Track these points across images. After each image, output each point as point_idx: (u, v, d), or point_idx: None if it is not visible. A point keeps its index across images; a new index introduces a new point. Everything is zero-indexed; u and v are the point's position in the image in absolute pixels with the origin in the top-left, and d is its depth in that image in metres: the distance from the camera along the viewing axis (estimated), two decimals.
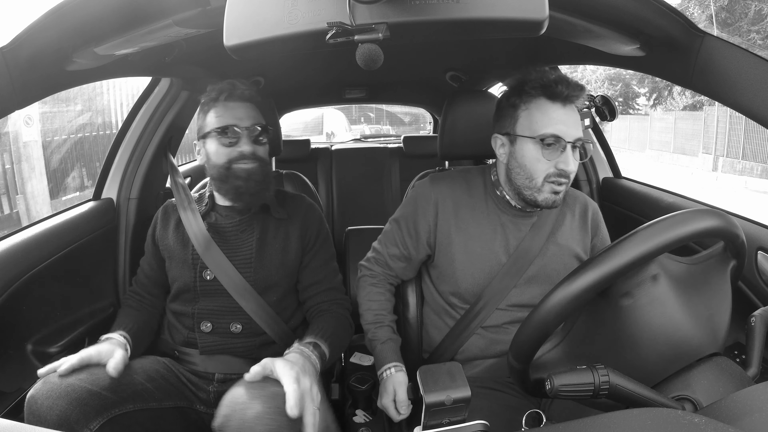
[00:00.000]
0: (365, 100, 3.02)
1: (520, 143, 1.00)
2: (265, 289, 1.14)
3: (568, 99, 0.96)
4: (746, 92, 0.74)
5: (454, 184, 1.12)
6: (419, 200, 1.12)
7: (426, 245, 1.12)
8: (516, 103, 1.01)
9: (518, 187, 1.02)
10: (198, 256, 1.13)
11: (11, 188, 4.88)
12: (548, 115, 0.97)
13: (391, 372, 1.09)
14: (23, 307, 1.10)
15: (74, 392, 0.84)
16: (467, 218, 1.09)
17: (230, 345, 1.12)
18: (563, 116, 0.96)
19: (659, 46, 0.86)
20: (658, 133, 12.81)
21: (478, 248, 1.07)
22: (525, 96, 0.99)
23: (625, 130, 14.54)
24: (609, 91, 15.30)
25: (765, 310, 0.70)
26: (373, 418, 1.28)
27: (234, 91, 1.13)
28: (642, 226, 0.62)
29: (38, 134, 5.00)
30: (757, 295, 1.04)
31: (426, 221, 1.10)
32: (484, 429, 0.57)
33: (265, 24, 0.60)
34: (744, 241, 0.67)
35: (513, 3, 0.58)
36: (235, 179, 1.11)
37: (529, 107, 0.99)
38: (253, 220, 1.18)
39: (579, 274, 0.62)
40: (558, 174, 0.97)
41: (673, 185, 1.71)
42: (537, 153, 0.98)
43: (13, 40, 0.76)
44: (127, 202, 1.51)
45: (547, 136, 0.96)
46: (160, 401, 1.00)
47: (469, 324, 1.09)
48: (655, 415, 0.46)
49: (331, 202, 2.54)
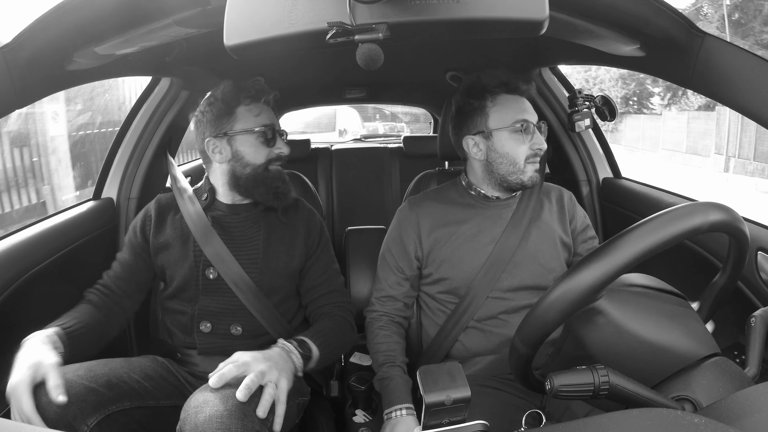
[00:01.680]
0: (365, 100, 3.01)
1: (497, 136, 1.11)
2: (270, 292, 1.12)
3: (524, 92, 1.13)
4: (746, 92, 0.74)
5: (430, 199, 1.23)
6: (402, 222, 1.21)
7: (415, 259, 1.18)
8: (482, 103, 1.13)
9: (502, 176, 1.13)
10: (201, 253, 1.09)
11: (38, 179, 5.06)
12: (513, 105, 1.11)
13: (401, 413, 1.04)
14: (23, 306, 1.10)
15: (72, 388, 0.84)
16: (449, 223, 1.16)
17: (229, 346, 1.08)
18: (524, 105, 1.12)
19: (659, 46, 0.86)
20: (671, 132, 12.74)
21: (464, 245, 1.13)
22: (489, 95, 1.12)
23: (638, 129, 14.45)
24: (622, 90, 15.13)
25: (765, 310, 0.70)
26: (373, 418, 1.27)
27: (269, 96, 1.14)
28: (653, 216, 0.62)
29: (65, 129, 5.21)
30: (757, 295, 1.04)
31: (411, 239, 1.18)
32: (483, 429, 0.57)
33: (265, 24, 0.60)
34: (747, 235, 0.67)
35: (513, 3, 0.58)
36: (273, 180, 1.12)
37: (496, 103, 1.12)
38: (260, 218, 1.16)
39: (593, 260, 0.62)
40: (534, 154, 1.11)
41: (682, 186, 1.71)
42: (513, 139, 1.10)
43: (13, 40, 0.76)
44: (127, 202, 1.51)
45: (519, 121, 1.10)
46: (157, 400, 1.00)
47: (461, 317, 1.11)
48: (655, 415, 0.46)
49: (331, 202, 2.54)
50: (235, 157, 1.11)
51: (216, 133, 1.12)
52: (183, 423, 0.79)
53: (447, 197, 1.21)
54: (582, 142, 1.66)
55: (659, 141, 13.30)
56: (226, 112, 1.11)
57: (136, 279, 1.15)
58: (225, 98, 1.12)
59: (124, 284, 1.14)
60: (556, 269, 1.13)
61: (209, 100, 1.15)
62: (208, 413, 0.77)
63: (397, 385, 1.08)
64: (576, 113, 1.46)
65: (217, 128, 1.12)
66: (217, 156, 1.13)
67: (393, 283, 1.19)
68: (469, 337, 1.12)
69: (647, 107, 15.48)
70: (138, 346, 1.43)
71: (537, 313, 0.64)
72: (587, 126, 1.49)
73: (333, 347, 1.08)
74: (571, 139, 1.68)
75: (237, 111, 1.11)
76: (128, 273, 1.15)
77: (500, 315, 1.10)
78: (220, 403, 0.78)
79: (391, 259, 1.20)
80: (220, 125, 1.12)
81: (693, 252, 1.20)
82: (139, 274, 1.15)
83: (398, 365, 1.12)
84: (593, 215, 1.66)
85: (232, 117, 1.11)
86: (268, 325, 1.11)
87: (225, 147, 1.12)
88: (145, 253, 1.15)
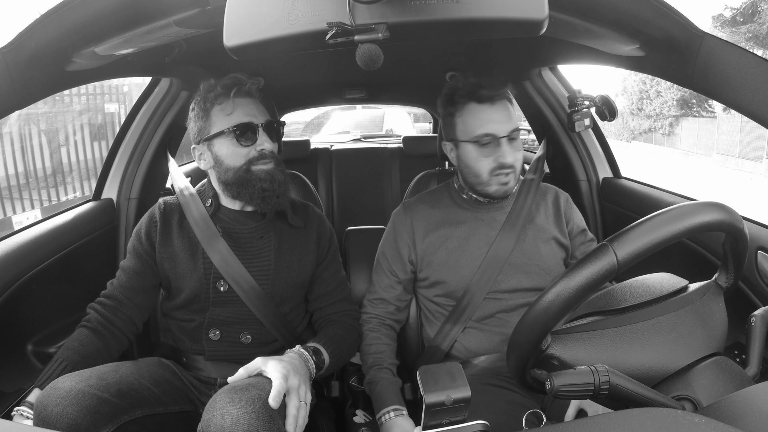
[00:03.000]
0: (365, 100, 3.01)
1: (462, 147, 1.11)
2: (281, 302, 1.10)
3: (494, 99, 1.07)
4: (746, 92, 0.74)
5: (424, 203, 1.21)
6: (396, 226, 1.20)
7: (409, 263, 1.18)
8: (451, 111, 1.11)
9: (471, 184, 1.13)
10: (211, 264, 1.05)
11: None
12: (479, 117, 1.07)
13: (390, 416, 1.03)
14: (23, 307, 1.10)
15: (84, 399, 0.83)
16: (443, 226, 1.16)
17: (239, 354, 1.07)
18: (493, 114, 1.07)
19: (659, 46, 0.86)
20: (726, 135, 12.36)
21: (459, 248, 1.13)
22: (457, 105, 1.10)
23: (693, 133, 14.09)
24: (678, 92, 14.69)
25: (765, 310, 0.70)
26: (373, 418, 1.27)
27: (242, 87, 1.05)
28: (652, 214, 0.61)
29: None
30: (757, 295, 1.04)
31: (405, 242, 1.17)
32: (484, 429, 0.57)
33: (265, 24, 0.60)
34: (747, 234, 0.67)
35: (513, 3, 0.58)
36: (258, 181, 1.03)
37: (462, 113, 1.09)
38: (269, 227, 1.11)
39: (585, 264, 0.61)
40: (500, 167, 1.07)
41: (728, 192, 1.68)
42: (476, 153, 1.08)
43: (13, 40, 0.76)
44: (127, 203, 1.51)
45: (481, 136, 1.06)
46: (166, 406, 0.98)
47: (458, 318, 1.11)
48: (655, 415, 0.46)
49: (331, 202, 2.54)
50: (216, 162, 1.06)
51: (198, 140, 1.08)
52: (207, 424, 0.78)
53: (441, 200, 1.21)
54: (582, 142, 1.66)
55: (713, 145, 12.85)
56: (203, 116, 1.06)
57: (144, 286, 1.10)
58: (200, 102, 1.07)
59: (133, 293, 1.09)
60: (554, 270, 1.12)
61: (191, 106, 1.10)
62: (235, 415, 0.76)
63: (383, 387, 1.07)
64: (576, 113, 1.46)
65: (198, 134, 1.08)
66: (202, 163, 1.10)
67: (385, 286, 1.19)
68: (468, 337, 1.12)
69: (706, 110, 14.84)
70: (138, 349, 1.43)
71: (533, 314, 0.64)
72: (587, 126, 1.49)
73: (341, 354, 1.07)
74: (571, 138, 1.68)
75: (212, 113, 1.05)
76: (136, 281, 1.09)
77: (498, 314, 1.10)
78: (247, 406, 0.77)
79: (385, 262, 1.20)
80: (199, 131, 1.07)
81: (693, 251, 1.20)
82: (146, 281, 1.10)
83: (386, 367, 1.11)
84: (593, 215, 1.66)
85: (208, 120, 1.06)
86: (278, 333, 1.10)
87: (207, 153, 1.07)
88: (151, 260, 1.10)
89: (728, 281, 0.73)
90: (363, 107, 5.42)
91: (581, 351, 0.67)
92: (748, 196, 7.93)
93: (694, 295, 0.71)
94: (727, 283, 0.73)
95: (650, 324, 0.68)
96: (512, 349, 0.69)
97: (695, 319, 0.69)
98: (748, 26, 11.56)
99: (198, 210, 1.10)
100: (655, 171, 10.64)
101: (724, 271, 0.73)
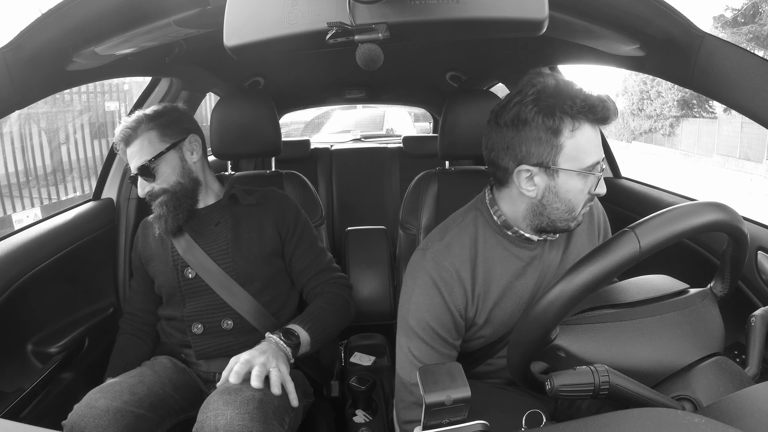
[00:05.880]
0: (365, 100, 3.01)
1: (563, 177, 0.83)
2: (247, 280, 1.14)
3: (609, 121, 0.83)
4: (746, 92, 0.74)
5: (461, 244, 0.92)
6: (439, 285, 0.89)
7: (461, 319, 0.92)
8: (558, 128, 0.80)
9: (551, 221, 0.87)
10: (178, 255, 1.14)
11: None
12: (593, 142, 0.82)
13: None
14: (23, 306, 1.10)
15: (123, 419, 0.86)
16: (494, 273, 0.92)
17: (225, 345, 1.11)
18: (598, 139, 0.84)
19: (659, 46, 0.86)
20: (726, 137, 12.26)
21: (510, 294, 0.94)
22: (569, 120, 0.80)
23: (693, 133, 13.97)
24: (679, 92, 14.60)
25: (765, 310, 0.70)
26: (373, 418, 1.27)
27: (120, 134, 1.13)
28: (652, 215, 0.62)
29: None
30: (757, 295, 1.04)
31: (455, 303, 0.89)
32: (484, 429, 0.57)
33: (265, 24, 0.60)
34: (747, 235, 0.67)
35: (513, 3, 0.58)
36: (156, 209, 1.15)
37: (576, 135, 0.81)
38: (225, 212, 1.19)
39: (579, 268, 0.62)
40: (591, 198, 0.87)
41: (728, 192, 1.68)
42: (582, 184, 0.84)
43: (13, 40, 0.76)
44: (127, 202, 1.51)
45: (593, 166, 0.83)
46: (187, 412, 1.04)
47: (489, 351, 0.98)
48: (655, 415, 0.46)
49: (331, 202, 2.54)
50: None
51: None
52: (201, 426, 0.80)
53: (482, 238, 0.93)
54: None
55: (714, 146, 12.70)
56: None
57: (153, 299, 1.23)
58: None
59: (148, 305, 1.23)
60: None
61: None
62: (229, 416, 0.79)
63: None
64: None
65: None
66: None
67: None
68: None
69: (707, 110, 14.53)
70: None
71: (534, 314, 0.65)
72: None
73: (326, 326, 1.11)
74: None
75: None
76: (145, 296, 1.23)
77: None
78: (241, 407, 0.80)
79: (432, 335, 0.89)
80: None
81: (693, 251, 1.20)
82: (152, 293, 1.22)
83: None
84: None
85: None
86: (253, 319, 1.12)
87: None
88: (144, 272, 1.22)
89: (723, 290, 0.73)
90: (363, 107, 5.42)
91: (589, 343, 0.67)
92: (749, 197, 7.96)
93: (695, 297, 0.71)
94: (722, 292, 0.73)
95: (657, 320, 0.68)
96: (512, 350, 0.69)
97: (698, 319, 0.69)
98: (749, 27, 11.53)
99: None
100: (656, 171, 10.67)
101: (719, 280, 0.74)
